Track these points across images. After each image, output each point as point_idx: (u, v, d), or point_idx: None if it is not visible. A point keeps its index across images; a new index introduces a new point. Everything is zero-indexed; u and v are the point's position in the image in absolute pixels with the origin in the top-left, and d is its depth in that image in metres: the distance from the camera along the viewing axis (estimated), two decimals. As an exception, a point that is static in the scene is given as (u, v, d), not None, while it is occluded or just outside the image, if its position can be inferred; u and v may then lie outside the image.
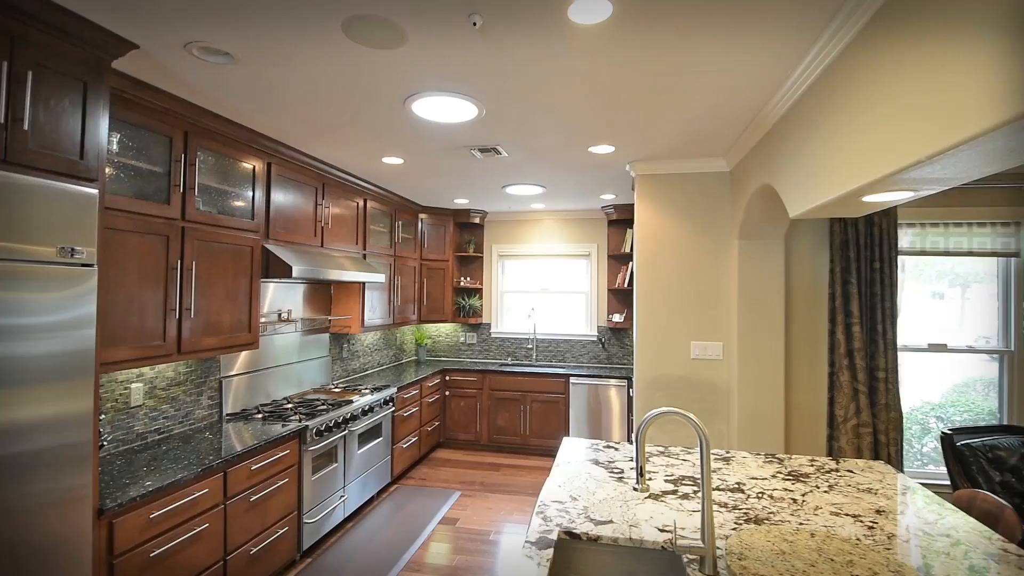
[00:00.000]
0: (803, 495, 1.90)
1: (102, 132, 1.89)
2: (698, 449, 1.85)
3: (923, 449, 4.28)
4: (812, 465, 2.24)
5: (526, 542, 1.52)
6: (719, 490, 1.95)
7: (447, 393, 5.46)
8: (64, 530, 1.72)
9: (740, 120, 2.72)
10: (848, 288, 3.27)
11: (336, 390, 4.00)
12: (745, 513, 1.74)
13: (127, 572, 1.97)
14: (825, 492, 1.93)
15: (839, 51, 1.82)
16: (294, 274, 3.07)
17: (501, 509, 3.93)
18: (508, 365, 5.69)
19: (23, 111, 1.62)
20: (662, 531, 1.60)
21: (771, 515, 1.72)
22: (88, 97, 1.84)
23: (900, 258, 3.44)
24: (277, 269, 3.11)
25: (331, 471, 3.33)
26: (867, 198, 1.86)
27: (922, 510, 1.78)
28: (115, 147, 2.26)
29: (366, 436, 3.79)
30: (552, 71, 2.16)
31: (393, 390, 4.19)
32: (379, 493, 4.15)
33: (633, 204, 5.16)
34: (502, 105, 2.54)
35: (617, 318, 5.43)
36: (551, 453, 5.24)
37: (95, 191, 1.82)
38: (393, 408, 4.21)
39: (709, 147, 3.24)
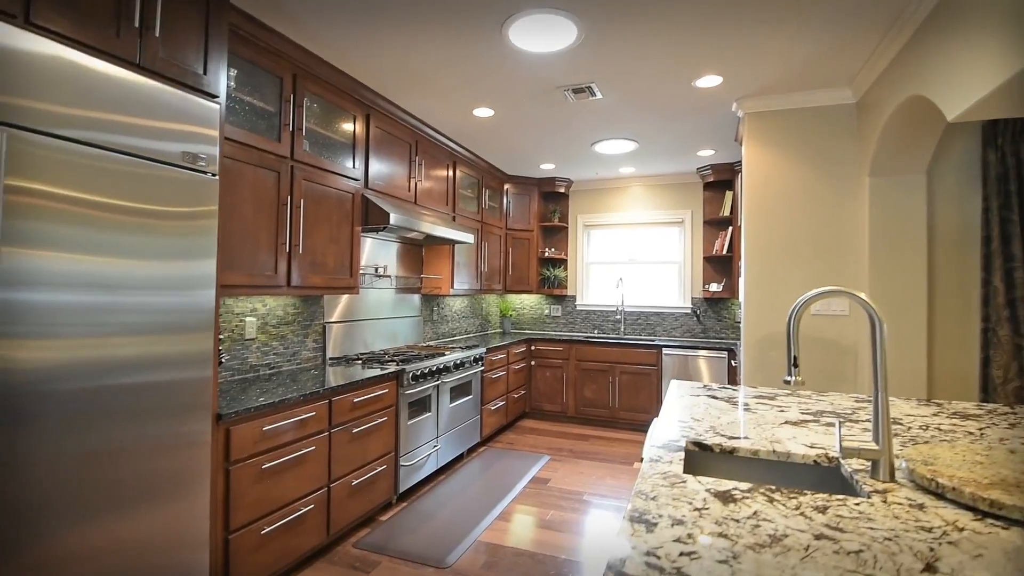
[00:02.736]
0: (979, 429, 1.60)
1: (222, 52, 1.96)
2: (871, 337, 1.58)
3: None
4: (980, 409, 1.90)
5: (651, 446, 1.37)
6: (871, 423, 1.69)
7: (532, 363, 5.37)
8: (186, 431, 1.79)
9: (877, 24, 2.38)
10: (1008, 228, 2.79)
11: (429, 347, 4.03)
12: (912, 439, 1.48)
13: (242, 480, 2.03)
14: (1008, 428, 1.61)
15: None
16: (391, 222, 3.10)
17: (593, 474, 3.77)
18: (595, 337, 5.50)
19: (155, 20, 1.71)
20: (812, 447, 1.38)
21: (945, 443, 1.45)
22: (211, 16, 1.91)
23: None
24: (375, 217, 3.15)
25: (425, 419, 3.34)
26: (1069, 68, 1.52)
27: None
28: (232, 82, 2.36)
29: (457, 392, 3.78)
30: (665, -32, 1.98)
31: (482, 350, 4.16)
32: (468, 452, 4.14)
33: (731, 163, 4.83)
34: (603, 23, 2.39)
35: (714, 287, 5.08)
36: (643, 428, 5.00)
37: (217, 106, 1.88)
38: (482, 368, 4.18)
39: (832, 73, 2.89)
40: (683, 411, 1.80)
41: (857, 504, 0.99)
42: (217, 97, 1.94)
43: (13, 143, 1.33)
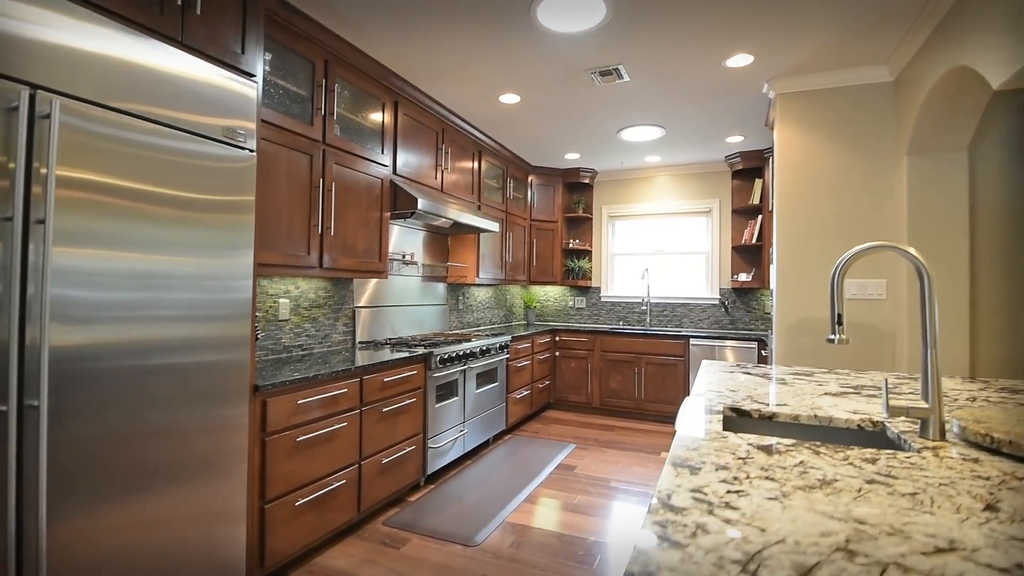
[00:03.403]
0: (1032, 402, 1.54)
1: (259, 34, 2.01)
2: (919, 291, 1.53)
3: None
4: (1031, 386, 1.83)
5: (686, 411, 1.35)
6: (915, 394, 1.64)
7: (557, 354, 5.36)
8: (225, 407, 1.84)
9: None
10: (1058, 207, 2.68)
11: (455, 334, 4.06)
12: (960, 408, 1.43)
13: (277, 451, 2.08)
14: (1062, 402, 1.55)
15: None
16: (419, 207, 3.13)
17: (620, 462, 3.74)
18: (620, 328, 5.46)
19: (197, -1, 1.76)
20: (854, 414, 1.35)
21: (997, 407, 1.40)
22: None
23: None
24: (404, 203, 3.19)
25: (452, 403, 3.36)
26: None
27: None
28: (267, 66, 2.41)
29: (483, 379, 3.80)
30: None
31: (508, 337, 4.17)
32: (494, 439, 4.15)
33: (761, 150, 4.74)
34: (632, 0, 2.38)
35: (743, 277, 4.99)
36: (669, 419, 4.94)
37: (254, 85, 1.93)
38: (508, 355, 4.19)
39: (867, 50, 2.82)
40: (718, 383, 1.78)
41: (908, 457, 0.97)
42: (254, 76, 1.98)
43: (65, 132, 1.37)
